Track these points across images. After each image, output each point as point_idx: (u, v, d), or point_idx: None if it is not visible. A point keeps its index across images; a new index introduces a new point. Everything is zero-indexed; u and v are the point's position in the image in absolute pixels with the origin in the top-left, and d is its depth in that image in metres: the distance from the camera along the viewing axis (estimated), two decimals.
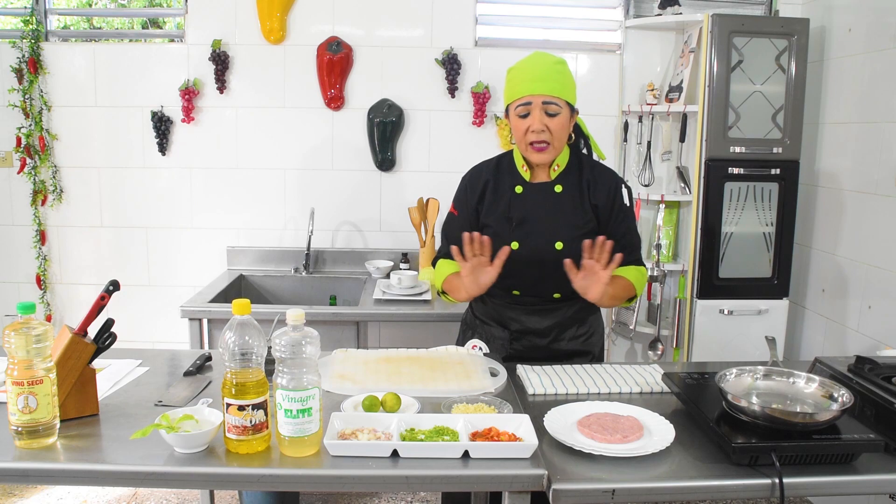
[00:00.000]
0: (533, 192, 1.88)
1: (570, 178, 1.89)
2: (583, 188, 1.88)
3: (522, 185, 1.89)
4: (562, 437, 1.34)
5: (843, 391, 1.40)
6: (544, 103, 1.77)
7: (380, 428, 1.34)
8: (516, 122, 1.82)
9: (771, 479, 1.24)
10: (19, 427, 1.28)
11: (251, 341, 1.27)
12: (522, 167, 1.90)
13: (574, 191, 1.88)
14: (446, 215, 2.01)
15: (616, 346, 3.38)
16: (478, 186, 1.92)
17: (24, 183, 3.12)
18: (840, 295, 2.87)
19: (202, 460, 1.27)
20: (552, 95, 1.77)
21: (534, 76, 1.78)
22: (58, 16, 3.31)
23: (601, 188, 1.88)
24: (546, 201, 1.87)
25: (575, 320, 1.94)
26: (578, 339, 1.95)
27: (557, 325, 1.92)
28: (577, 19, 3.24)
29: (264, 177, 3.20)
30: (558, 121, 1.78)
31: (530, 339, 1.93)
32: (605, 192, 1.88)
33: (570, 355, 1.93)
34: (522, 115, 1.79)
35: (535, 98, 1.77)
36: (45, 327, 1.28)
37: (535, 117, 1.77)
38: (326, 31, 3.10)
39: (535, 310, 1.91)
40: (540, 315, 1.91)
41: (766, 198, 2.92)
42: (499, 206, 1.88)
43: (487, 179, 1.92)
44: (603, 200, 1.87)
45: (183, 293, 3.08)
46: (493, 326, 1.97)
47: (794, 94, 2.85)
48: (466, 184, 1.96)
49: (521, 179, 1.90)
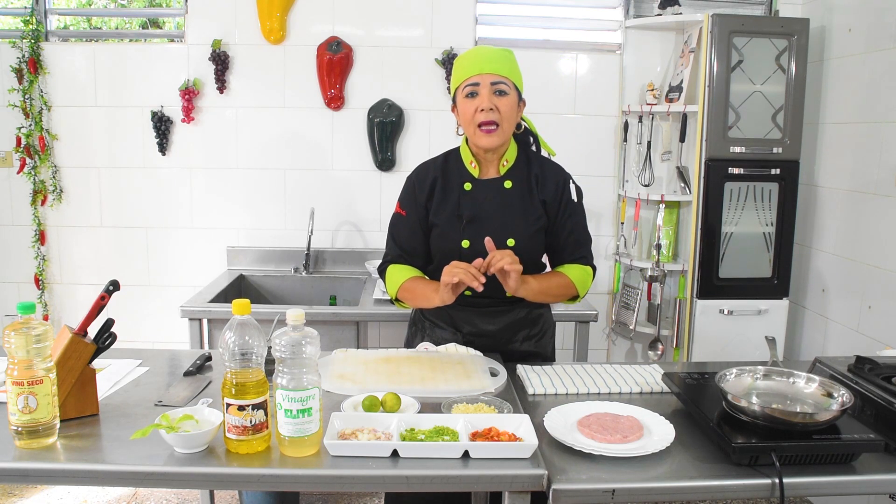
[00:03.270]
0: (482, 189, 1.84)
1: (518, 174, 1.85)
2: (531, 184, 1.84)
3: (471, 181, 1.84)
4: (562, 437, 1.34)
5: (843, 391, 1.39)
6: (493, 83, 1.73)
7: (380, 428, 1.34)
8: (464, 104, 1.77)
9: (771, 479, 1.24)
10: (19, 427, 1.28)
11: (251, 341, 1.27)
12: (471, 163, 1.85)
13: (523, 187, 1.84)
14: (392, 217, 1.92)
15: (616, 346, 3.39)
16: (426, 185, 1.86)
17: (24, 183, 3.12)
18: (840, 295, 2.87)
19: (202, 460, 1.27)
20: (500, 75, 1.74)
21: (481, 58, 1.76)
22: (58, 16, 3.31)
23: (549, 184, 1.84)
24: (496, 198, 1.83)
25: (527, 321, 1.92)
26: (531, 339, 1.93)
27: (510, 327, 1.90)
28: (577, 19, 3.24)
29: (264, 177, 3.20)
30: (507, 101, 1.74)
31: (483, 341, 1.89)
32: (553, 188, 1.84)
33: (523, 357, 1.90)
34: (470, 95, 1.75)
35: (483, 77, 1.73)
36: (45, 327, 1.28)
37: (484, 96, 1.73)
38: (326, 31, 3.10)
39: (487, 311, 1.87)
40: (492, 317, 1.88)
41: (766, 198, 2.92)
42: (448, 205, 1.83)
43: (435, 177, 1.86)
44: (551, 196, 1.84)
45: (183, 293, 3.08)
46: (444, 328, 1.92)
47: (794, 94, 2.85)
48: (414, 182, 1.89)
49: (470, 176, 1.85)
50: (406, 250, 1.88)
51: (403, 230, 1.87)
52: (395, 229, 1.90)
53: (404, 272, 1.85)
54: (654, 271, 3.03)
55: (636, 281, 3.19)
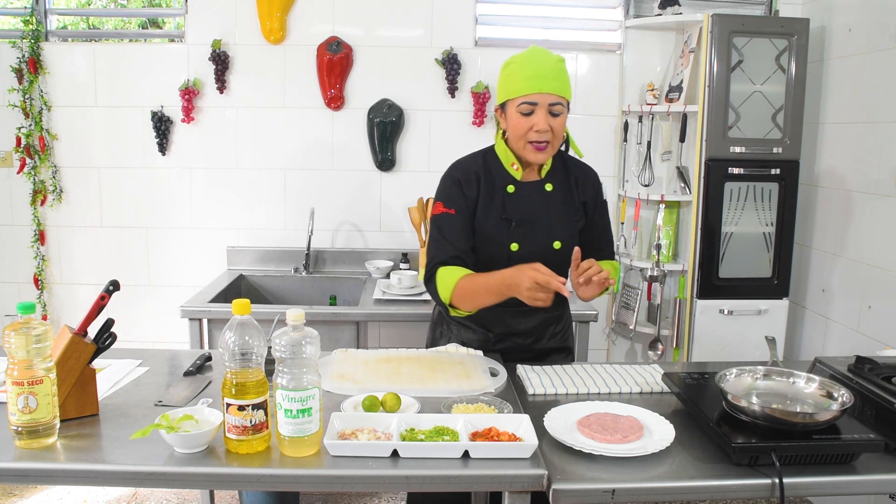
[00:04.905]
0: (525, 192, 1.83)
1: (557, 176, 1.87)
2: (571, 185, 1.87)
3: (514, 184, 1.83)
4: (562, 437, 1.34)
5: (843, 391, 1.39)
6: (550, 104, 1.71)
7: (380, 428, 1.34)
8: (517, 118, 1.74)
9: (771, 479, 1.24)
10: (19, 427, 1.28)
11: (251, 341, 1.27)
12: (512, 165, 1.83)
13: (564, 189, 1.86)
14: (437, 217, 1.83)
15: (616, 346, 3.39)
16: (472, 182, 1.81)
17: (24, 183, 3.12)
18: (840, 295, 2.87)
19: (202, 460, 1.27)
20: (558, 95, 1.72)
21: (540, 73, 1.71)
22: (58, 16, 3.31)
23: (588, 185, 1.89)
24: (539, 200, 1.84)
25: (553, 318, 1.94)
26: (557, 336, 1.95)
27: (541, 325, 1.91)
28: (577, 19, 3.24)
29: (264, 177, 3.20)
30: (560, 121, 1.74)
31: (514, 340, 1.90)
32: (591, 189, 1.89)
33: (548, 353, 1.93)
34: (526, 114, 1.72)
35: (542, 97, 1.70)
36: (45, 327, 1.28)
37: (541, 117, 1.71)
38: (326, 31, 3.10)
39: (520, 311, 1.85)
40: (524, 316, 1.88)
41: (766, 198, 2.92)
42: (493, 207, 1.81)
43: (479, 175, 1.82)
44: (590, 197, 1.88)
45: (183, 293, 3.08)
46: (473, 329, 1.91)
47: (794, 94, 2.85)
48: (459, 180, 1.82)
49: (512, 178, 1.84)
50: (461, 250, 1.78)
51: (454, 229, 1.79)
52: (444, 230, 1.80)
53: (457, 272, 1.74)
54: (654, 271, 3.03)
55: (636, 281, 3.19)
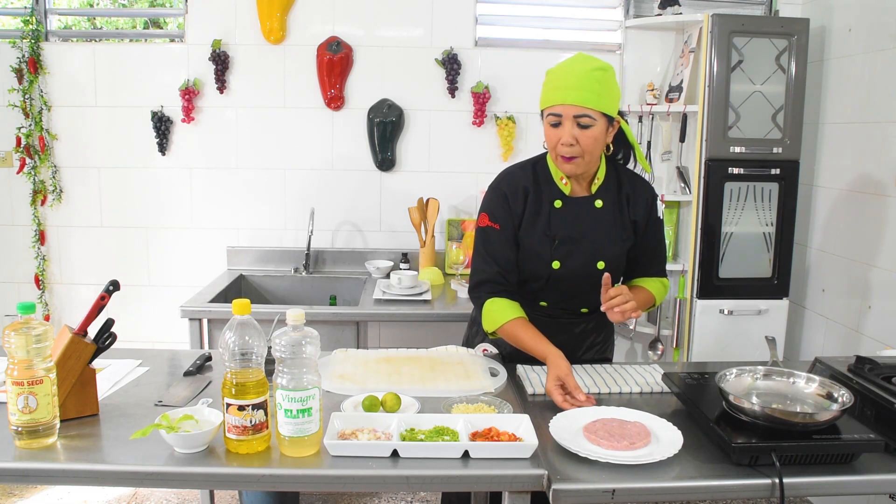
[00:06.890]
0: (573, 207, 1.76)
1: (609, 193, 1.79)
2: (622, 203, 1.79)
3: (561, 199, 1.76)
4: (567, 444, 1.32)
5: (843, 391, 1.39)
6: (575, 116, 1.63)
7: (380, 428, 1.34)
8: (548, 130, 1.69)
9: (771, 479, 1.24)
10: (19, 427, 1.28)
11: (251, 341, 1.27)
12: (561, 179, 1.76)
13: (614, 206, 1.78)
14: (482, 230, 1.80)
15: (616, 347, 3.38)
16: (519, 197, 1.76)
17: (24, 183, 3.12)
18: (840, 295, 2.87)
19: (202, 460, 1.27)
20: (584, 107, 1.63)
21: (567, 83, 1.64)
22: (58, 16, 3.31)
23: (640, 203, 1.80)
24: (587, 218, 1.76)
25: (593, 330, 1.90)
26: (594, 348, 1.92)
27: (579, 336, 1.87)
28: (577, 19, 3.24)
29: (264, 177, 3.20)
30: (590, 133, 1.65)
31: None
32: (644, 207, 1.80)
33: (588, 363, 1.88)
34: (554, 125, 1.67)
35: (565, 109, 1.64)
36: (45, 327, 1.28)
37: (566, 129, 1.65)
38: (326, 31, 3.10)
39: (559, 322, 1.83)
40: (563, 328, 1.84)
41: (766, 198, 2.92)
42: (538, 222, 1.75)
43: (527, 189, 1.77)
44: (642, 216, 1.80)
45: (183, 293, 3.08)
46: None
47: (794, 94, 2.85)
48: (506, 194, 1.77)
49: (560, 193, 1.77)
50: (505, 267, 1.76)
51: (499, 245, 1.77)
52: (488, 245, 1.78)
53: (505, 310, 1.73)
54: None
55: None
